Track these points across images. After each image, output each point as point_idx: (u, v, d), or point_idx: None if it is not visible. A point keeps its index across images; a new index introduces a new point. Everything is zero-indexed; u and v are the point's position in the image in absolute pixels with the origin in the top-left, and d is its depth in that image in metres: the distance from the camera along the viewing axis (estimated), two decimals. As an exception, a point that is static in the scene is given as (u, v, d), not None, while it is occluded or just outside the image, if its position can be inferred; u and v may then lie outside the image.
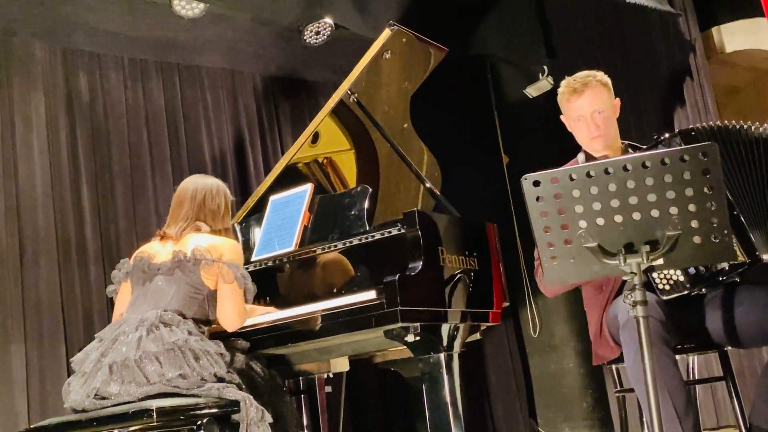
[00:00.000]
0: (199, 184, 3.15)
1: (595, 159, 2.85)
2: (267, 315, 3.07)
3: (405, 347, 2.88)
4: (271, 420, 2.62)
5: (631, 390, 2.65)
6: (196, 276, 2.87)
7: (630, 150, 2.91)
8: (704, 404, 5.11)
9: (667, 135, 2.61)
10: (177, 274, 2.87)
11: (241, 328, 2.98)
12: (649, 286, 2.55)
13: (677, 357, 2.54)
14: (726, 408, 5.06)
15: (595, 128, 2.87)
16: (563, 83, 2.96)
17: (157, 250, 2.99)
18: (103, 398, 2.60)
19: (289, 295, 3.22)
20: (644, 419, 2.62)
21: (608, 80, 2.95)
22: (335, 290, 3.04)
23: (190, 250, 2.89)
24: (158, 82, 5.18)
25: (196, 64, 5.37)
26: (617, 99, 2.95)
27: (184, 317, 2.81)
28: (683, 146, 2.18)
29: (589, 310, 2.87)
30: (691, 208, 1.94)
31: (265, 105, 5.67)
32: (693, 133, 2.58)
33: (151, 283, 2.91)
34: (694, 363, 3.04)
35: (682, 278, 2.51)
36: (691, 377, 3.00)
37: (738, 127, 2.58)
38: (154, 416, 2.43)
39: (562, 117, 3.01)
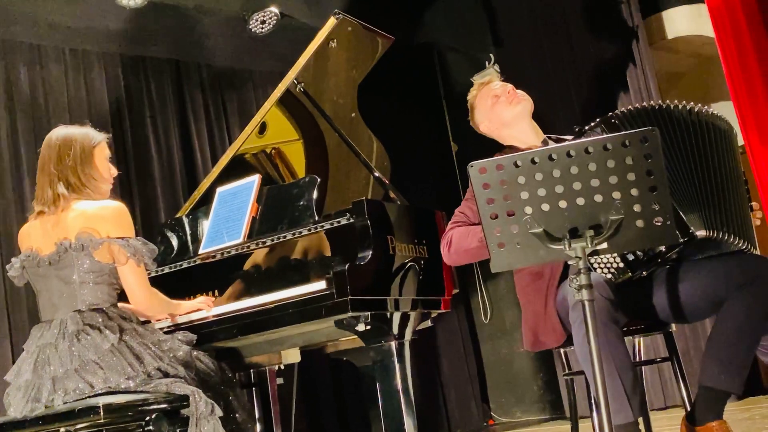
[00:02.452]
0: (53, 139, 2.80)
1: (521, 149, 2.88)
2: (221, 307, 3.02)
3: (356, 337, 2.88)
4: (221, 413, 2.57)
5: (581, 373, 2.67)
6: (89, 260, 2.67)
7: (550, 142, 2.94)
8: (651, 385, 5.21)
9: (591, 124, 2.59)
10: (69, 265, 2.67)
11: (190, 322, 2.94)
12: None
13: (624, 339, 2.56)
14: (673, 388, 5.16)
15: (513, 92, 2.98)
16: (470, 93, 3.11)
17: (39, 242, 2.74)
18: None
19: (238, 287, 3.19)
20: (592, 399, 2.64)
21: None
22: (285, 281, 3.01)
23: (72, 234, 2.66)
24: (101, 74, 5.08)
25: (140, 55, 5.28)
26: None
27: (103, 311, 2.67)
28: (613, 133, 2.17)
29: (525, 297, 2.82)
30: (634, 192, 1.96)
31: (211, 95, 5.60)
32: (614, 120, 2.55)
33: (49, 281, 2.71)
34: (640, 345, 3.08)
35: (622, 265, 2.54)
36: (638, 359, 3.04)
37: (657, 107, 2.55)
38: (101, 413, 2.39)
39: (481, 129, 3.11)
